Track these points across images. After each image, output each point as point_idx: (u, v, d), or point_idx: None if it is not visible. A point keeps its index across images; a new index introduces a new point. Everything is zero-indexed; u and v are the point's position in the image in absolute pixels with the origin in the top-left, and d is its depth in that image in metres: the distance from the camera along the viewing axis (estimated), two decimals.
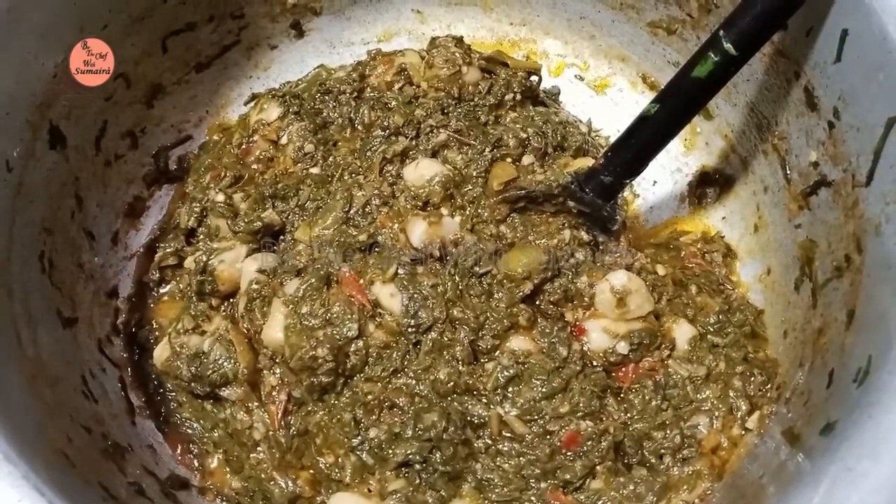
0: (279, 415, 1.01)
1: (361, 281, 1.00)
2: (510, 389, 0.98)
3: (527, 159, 1.13)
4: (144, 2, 1.10)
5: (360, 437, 0.97)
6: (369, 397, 0.99)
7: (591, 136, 1.28)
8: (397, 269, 1.00)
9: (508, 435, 0.97)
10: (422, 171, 1.08)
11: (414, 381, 0.99)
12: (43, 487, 0.69)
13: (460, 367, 0.98)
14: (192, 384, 1.02)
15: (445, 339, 0.99)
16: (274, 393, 1.02)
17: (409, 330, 0.99)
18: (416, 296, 0.99)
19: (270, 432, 1.01)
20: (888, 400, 0.71)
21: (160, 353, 1.05)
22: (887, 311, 0.80)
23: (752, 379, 1.00)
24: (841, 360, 0.84)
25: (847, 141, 0.91)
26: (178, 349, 1.03)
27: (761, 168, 1.13)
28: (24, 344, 0.89)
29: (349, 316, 0.98)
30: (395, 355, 0.99)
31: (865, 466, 0.68)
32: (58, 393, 0.91)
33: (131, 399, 1.07)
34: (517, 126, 1.15)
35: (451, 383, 0.98)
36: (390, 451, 0.95)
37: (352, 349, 0.98)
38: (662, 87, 1.23)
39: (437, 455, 0.94)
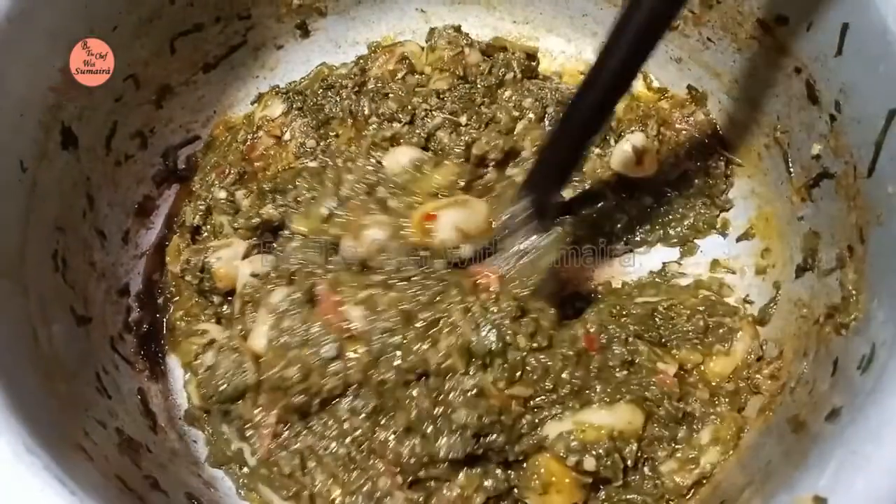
0: (268, 440, 0.97)
1: (337, 298, 0.96)
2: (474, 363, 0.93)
3: (520, 125, 1.14)
4: (153, 3, 1.11)
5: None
6: (357, 432, 0.95)
7: None
8: (370, 291, 0.96)
9: (521, 398, 0.94)
10: (398, 158, 1.08)
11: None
12: (64, 478, 0.71)
13: (421, 393, 0.93)
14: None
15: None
16: (263, 415, 0.97)
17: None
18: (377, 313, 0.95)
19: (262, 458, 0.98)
20: (892, 385, 0.72)
21: (192, 390, 1.05)
22: (890, 300, 0.81)
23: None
24: (845, 348, 0.86)
25: (848, 133, 0.92)
26: (203, 377, 1.01)
27: (764, 162, 1.14)
28: (40, 341, 0.90)
29: (326, 336, 0.94)
30: (368, 391, 0.95)
31: (870, 450, 0.69)
32: (73, 389, 0.93)
33: (155, 417, 1.08)
34: (510, 104, 1.17)
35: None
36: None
37: (331, 369, 0.93)
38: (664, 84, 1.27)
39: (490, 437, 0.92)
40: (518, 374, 0.93)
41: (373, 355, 0.93)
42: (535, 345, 0.94)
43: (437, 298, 0.96)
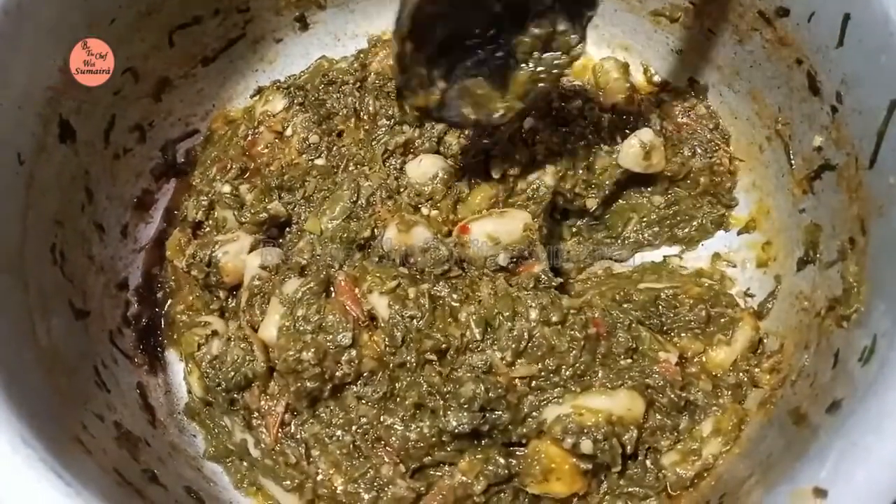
0: (276, 428, 0.98)
1: (357, 290, 0.98)
2: (489, 336, 0.96)
3: (528, 125, 1.13)
4: None
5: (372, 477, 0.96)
6: (363, 420, 0.97)
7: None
8: (398, 280, 0.97)
9: (526, 378, 0.95)
10: (424, 169, 1.08)
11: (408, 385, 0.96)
12: (60, 469, 0.71)
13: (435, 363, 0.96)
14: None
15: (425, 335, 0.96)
16: (271, 403, 0.99)
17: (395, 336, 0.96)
18: (404, 306, 0.96)
19: (268, 448, 0.99)
20: (893, 377, 0.72)
21: (194, 380, 1.04)
22: (891, 291, 0.81)
23: None
24: (846, 340, 0.86)
25: (850, 124, 0.92)
26: (207, 367, 1.01)
27: (765, 154, 1.13)
28: (38, 334, 0.90)
29: (344, 325, 0.94)
30: (380, 378, 0.97)
31: (871, 442, 0.69)
32: (72, 382, 0.93)
33: (154, 412, 1.08)
34: None
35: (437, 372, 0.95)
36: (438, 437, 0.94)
37: (344, 358, 0.95)
38: (664, 77, 1.27)
39: (492, 414, 0.93)
40: (523, 344, 0.94)
41: (394, 342, 0.95)
42: (543, 319, 0.95)
43: (468, 291, 0.99)
